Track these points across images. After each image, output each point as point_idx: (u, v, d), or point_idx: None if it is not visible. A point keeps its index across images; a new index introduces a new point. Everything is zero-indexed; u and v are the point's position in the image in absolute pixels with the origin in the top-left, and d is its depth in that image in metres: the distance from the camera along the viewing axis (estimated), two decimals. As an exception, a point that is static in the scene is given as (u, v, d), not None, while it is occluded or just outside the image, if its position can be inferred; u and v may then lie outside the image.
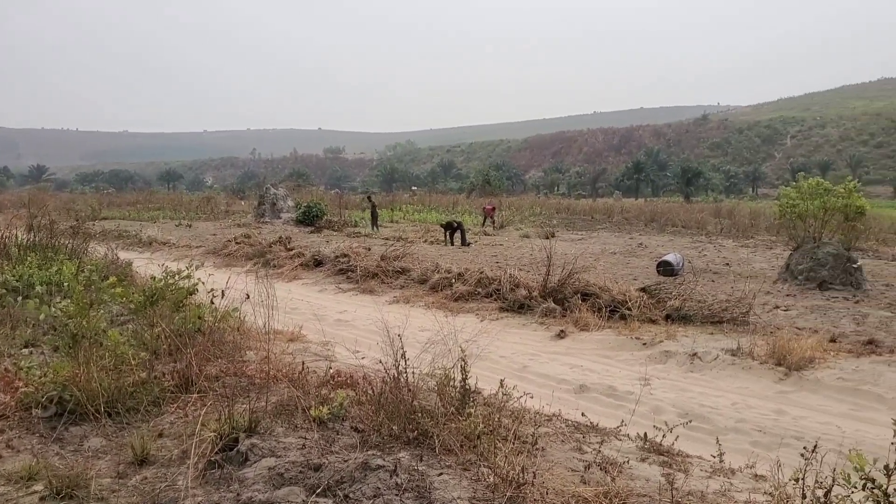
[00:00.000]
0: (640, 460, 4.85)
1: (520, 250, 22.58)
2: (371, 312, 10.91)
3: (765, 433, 6.43)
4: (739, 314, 11.02)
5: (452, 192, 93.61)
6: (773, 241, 25.80)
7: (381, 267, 15.45)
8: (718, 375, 8.47)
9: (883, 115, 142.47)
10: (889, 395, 7.45)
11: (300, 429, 4.62)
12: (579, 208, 50.34)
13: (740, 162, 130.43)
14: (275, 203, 37.29)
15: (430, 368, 5.13)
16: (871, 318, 11.41)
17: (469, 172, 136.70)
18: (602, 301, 11.41)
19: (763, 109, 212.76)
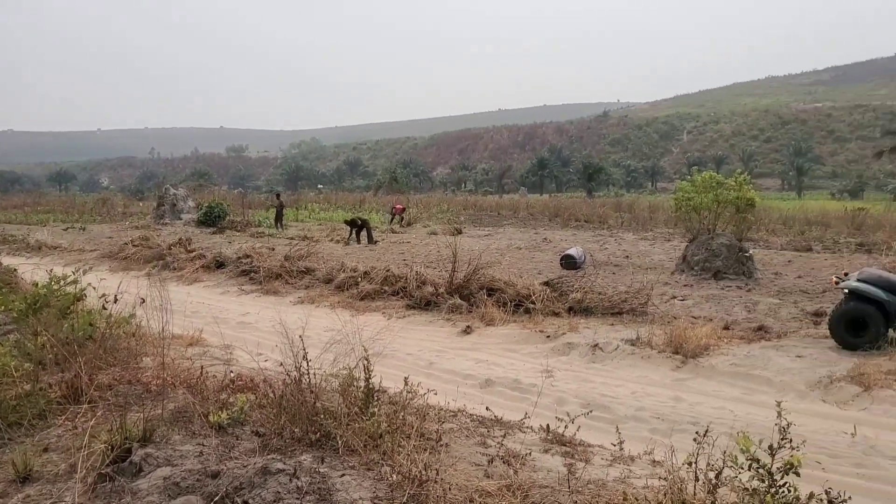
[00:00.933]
0: (543, 452, 4.94)
1: (427, 248, 22.64)
2: (275, 314, 10.66)
3: (663, 420, 6.65)
4: (638, 305, 11.37)
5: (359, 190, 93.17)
6: (671, 234, 26.71)
7: (285, 267, 15.19)
8: (619, 365, 8.71)
9: (770, 112, 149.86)
10: (777, 379, 7.83)
11: (198, 436, 4.47)
12: (486, 205, 50.87)
13: (640, 157, 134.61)
14: (175, 204, 36.14)
15: (334, 368, 5.07)
16: (762, 306, 11.98)
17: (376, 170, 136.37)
18: (507, 296, 11.56)
19: (660, 106, 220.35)
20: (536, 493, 3.95)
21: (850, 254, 20.18)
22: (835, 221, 29.91)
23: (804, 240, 23.48)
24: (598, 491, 4.07)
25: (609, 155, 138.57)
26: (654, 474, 4.48)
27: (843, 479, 5.08)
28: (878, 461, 5.57)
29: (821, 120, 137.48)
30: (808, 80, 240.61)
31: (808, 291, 13.54)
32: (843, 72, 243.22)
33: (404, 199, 46.98)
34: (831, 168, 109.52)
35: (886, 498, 4.92)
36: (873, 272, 9.39)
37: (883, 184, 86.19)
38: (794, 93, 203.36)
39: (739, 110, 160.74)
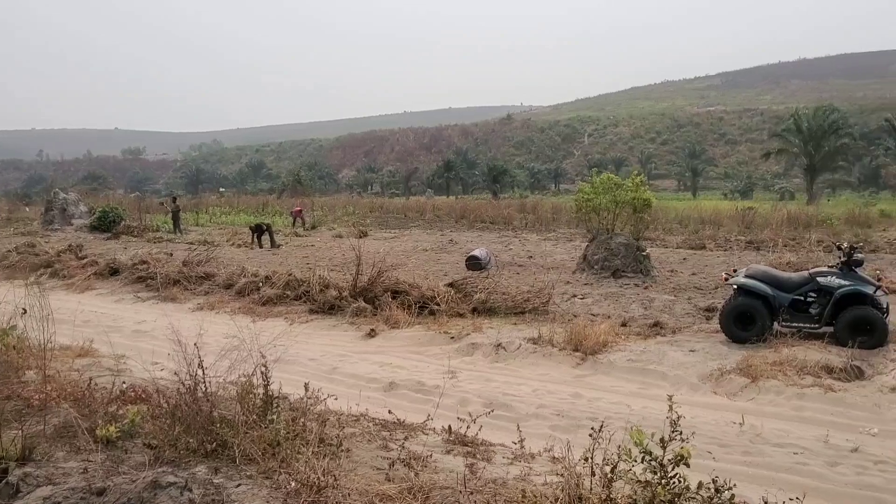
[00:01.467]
0: (445, 453, 4.94)
1: (332, 251, 22.42)
2: (172, 321, 10.33)
3: (563, 417, 6.77)
4: (541, 304, 11.57)
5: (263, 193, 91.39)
6: (573, 234, 27.34)
7: (183, 273, 14.71)
8: (521, 364, 8.83)
9: (667, 115, 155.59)
10: (671, 373, 8.11)
11: (84, 451, 4.26)
12: (393, 207, 50.88)
13: (543, 159, 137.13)
14: (65, 209, 34.45)
15: (232, 376, 4.93)
16: (657, 303, 12.41)
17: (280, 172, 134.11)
18: (412, 298, 11.54)
19: (562, 109, 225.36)
20: (437, 495, 3.95)
21: (741, 251, 21.17)
22: (726, 220, 31.26)
23: (698, 238, 24.47)
24: (498, 490, 4.10)
25: (513, 157, 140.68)
26: (552, 471, 4.54)
27: (731, 468, 5.30)
28: (764, 448, 5.84)
29: (713, 123, 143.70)
30: (701, 85, 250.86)
31: (702, 288, 14.11)
32: (733, 77, 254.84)
33: (309, 202, 46.39)
34: (723, 169, 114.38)
35: (770, 482, 5.15)
36: (759, 269, 9.87)
37: (770, 184, 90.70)
38: (688, 97, 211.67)
39: (637, 114, 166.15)
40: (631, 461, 3.39)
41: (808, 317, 9.18)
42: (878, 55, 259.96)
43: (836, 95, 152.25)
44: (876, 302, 8.85)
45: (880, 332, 8.53)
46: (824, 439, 5.96)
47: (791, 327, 9.21)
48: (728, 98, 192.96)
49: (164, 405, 4.74)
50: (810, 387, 7.22)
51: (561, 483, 3.99)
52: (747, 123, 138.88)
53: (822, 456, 5.63)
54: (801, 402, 6.97)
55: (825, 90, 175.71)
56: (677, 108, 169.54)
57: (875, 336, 8.49)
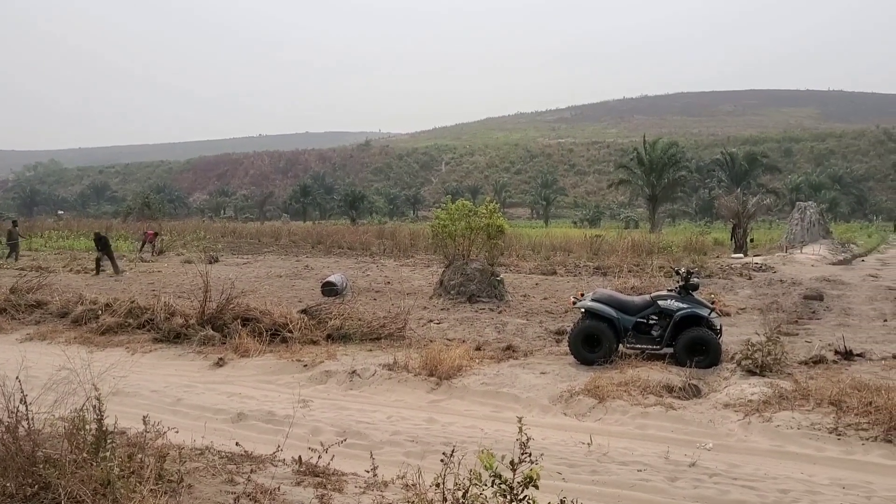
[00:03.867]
0: (295, 484, 4.78)
1: (179, 277, 21.49)
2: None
3: (417, 442, 6.72)
4: (396, 330, 11.53)
5: (107, 217, 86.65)
6: (431, 260, 27.58)
7: (10, 301, 13.54)
8: (376, 391, 8.73)
9: (520, 146, 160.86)
10: (524, 395, 8.25)
11: None
12: (246, 232, 49.56)
13: (401, 186, 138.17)
14: None
15: (64, 411, 4.56)
16: (510, 326, 12.69)
17: (126, 195, 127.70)
18: (263, 325, 11.17)
19: (420, 137, 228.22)
20: (284, 530, 3.80)
21: (589, 276, 22.10)
22: (576, 247, 32.50)
23: (550, 264, 25.31)
24: (350, 520, 4.00)
25: (372, 183, 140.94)
26: (405, 498, 4.50)
27: (580, 487, 5.44)
28: (610, 467, 6.03)
29: (564, 154, 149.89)
30: (552, 118, 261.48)
31: (553, 312, 14.58)
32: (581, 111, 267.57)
33: (156, 226, 44.32)
34: (573, 198, 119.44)
35: (616, 500, 5.33)
36: (605, 292, 10.30)
37: (616, 213, 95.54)
38: (540, 129, 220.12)
39: (493, 143, 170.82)
40: (482, 485, 3.39)
41: (651, 338, 9.65)
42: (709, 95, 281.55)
43: (675, 131, 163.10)
44: (711, 323, 9.44)
45: (714, 352, 9.10)
46: (665, 455, 6.23)
47: (635, 348, 9.65)
48: (577, 131, 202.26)
49: (-24, 446, 4.30)
50: (653, 406, 7.56)
51: (413, 510, 3.94)
52: (595, 155, 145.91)
53: (664, 471, 5.88)
54: (644, 421, 7.28)
55: (665, 125, 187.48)
56: (530, 139, 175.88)
57: (710, 356, 9.05)
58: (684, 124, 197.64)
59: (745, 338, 10.15)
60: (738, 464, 6.10)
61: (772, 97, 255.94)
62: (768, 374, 8.41)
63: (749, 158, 79.23)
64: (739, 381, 8.24)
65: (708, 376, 8.60)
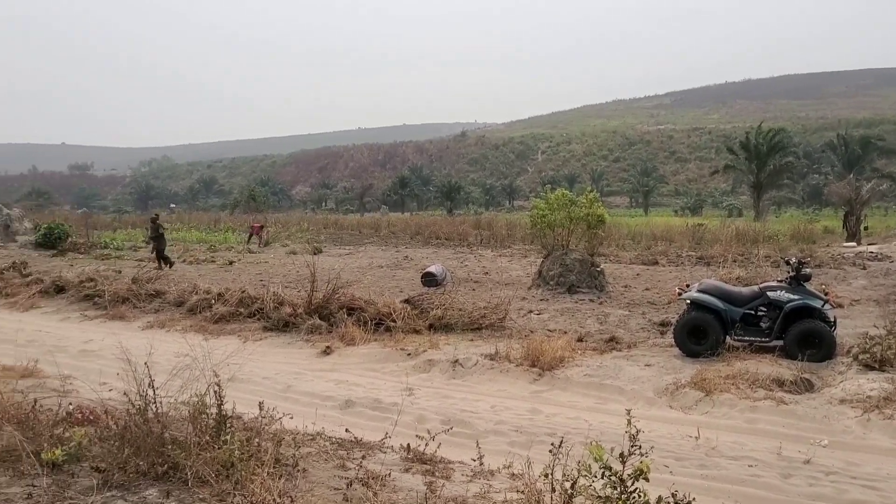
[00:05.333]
0: (404, 471, 4.88)
1: (285, 267, 22.18)
2: (121, 340, 10.07)
3: (521, 432, 6.75)
4: (497, 320, 11.58)
5: (215, 210, 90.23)
6: (528, 250, 27.46)
7: (132, 290, 14.36)
8: (479, 380, 8.80)
9: (618, 133, 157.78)
10: (628, 388, 8.16)
11: (28, 475, 4.10)
12: (347, 223, 50.60)
13: (497, 176, 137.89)
14: (8, 225, 33.49)
15: (183, 395, 4.81)
16: (612, 318, 12.51)
17: (232, 189, 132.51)
18: (368, 314, 11.44)
19: (515, 126, 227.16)
20: (397, 515, 3.90)
21: (692, 266, 21.50)
22: (677, 236, 31.69)
23: (650, 254, 24.76)
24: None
25: (468, 174, 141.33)
26: (512, 487, 4.53)
27: (688, 481, 5.34)
28: (719, 461, 5.90)
29: (663, 141, 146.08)
30: (650, 104, 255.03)
31: (655, 303, 14.28)
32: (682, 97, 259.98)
33: (262, 218, 45.90)
34: (674, 186, 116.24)
35: (727, 495, 5.21)
36: (711, 283, 10.02)
37: (719, 201, 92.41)
38: (638, 115, 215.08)
39: (589, 131, 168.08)
40: (591, 477, 3.39)
41: (759, 330, 9.35)
42: (818, 76, 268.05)
43: (780, 115, 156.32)
44: (824, 315, 9.05)
45: (828, 345, 8.72)
46: (777, 451, 6.04)
47: (743, 341, 9.37)
48: (677, 117, 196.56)
49: (112, 427, 4.60)
50: (762, 400, 7.33)
51: (521, 500, 3.97)
52: (696, 142, 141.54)
53: (776, 468, 5.71)
54: (753, 415, 7.07)
55: (769, 110, 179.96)
56: (628, 127, 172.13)
57: (823, 349, 8.68)
58: (790, 108, 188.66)
59: (860, 331, 9.69)
60: (856, 462, 5.85)
61: (888, 77, 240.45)
62: (888, 370, 7.98)
63: (863, 142, 74.84)
64: (856, 376, 7.88)
65: (821, 370, 8.27)
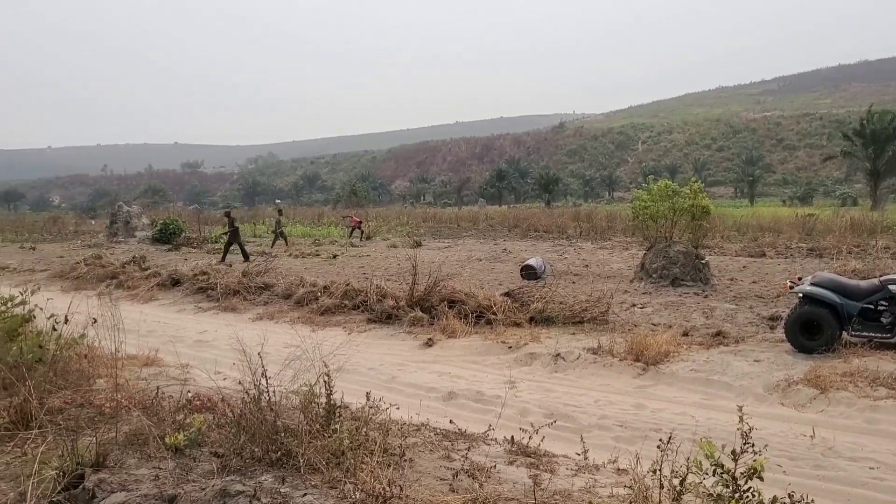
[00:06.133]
0: (508, 463, 4.89)
1: (387, 261, 22.55)
2: (233, 331, 10.52)
3: (626, 427, 6.66)
4: (599, 313, 11.42)
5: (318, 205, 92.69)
6: (629, 242, 26.98)
7: (243, 283, 14.96)
8: (581, 374, 8.72)
9: (722, 121, 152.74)
10: (736, 384, 7.91)
11: (154, 458, 4.34)
12: (445, 217, 50.99)
13: (596, 167, 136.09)
14: (128, 221, 35.45)
15: (294, 385, 4.97)
16: (719, 311, 12.13)
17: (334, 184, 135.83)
18: (468, 307, 11.51)
19: (615, 117, 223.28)
20: (502, 506, 3.91)
21: (802, 258, 20.60)
22: (786, 227, 30.47)
23: (757, 246, 23.90)
24: (564, 501, 4.04)
25: (566, 165, 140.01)
26: (618, 483, 4.47)
27: (803, 482, 5.13)
28: (837, 462, 5.64)
29: (770, 129, 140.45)
30: (756, 90, 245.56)
31: (763, 296, 13.76)
32: (790, 82, 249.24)
33: (363, 213, 46.83)
34: (781, 175, 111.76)
35: (846, 498, 4.98)
36: (826, 276, 9.57)
37: (831, 190, 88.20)
38: (743, 102, 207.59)
39: (692, 120, 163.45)
40: (701, 474, 3.31)
41: (880, 326, 8.86)
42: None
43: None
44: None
45: (958, 342, 8.20)
46: (902, 453, 5.73)
47: (861, 336, 8.91)
48: (785, 103, 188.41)
49: (229, 414, 4.80)
50: (884, 399, 6.96)
51: (629, 495, 3.92)
52: (806, 128, 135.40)
53: (901, 471, 5.41)
54: (874, 415, 6.72)
55: (888, 93, 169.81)
56: (733, 114, 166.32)
57: (953, 346, 8.16)
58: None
59: None
60: None
61: None
62: None
63: None
64: None
65: (951, 369, 7.76)
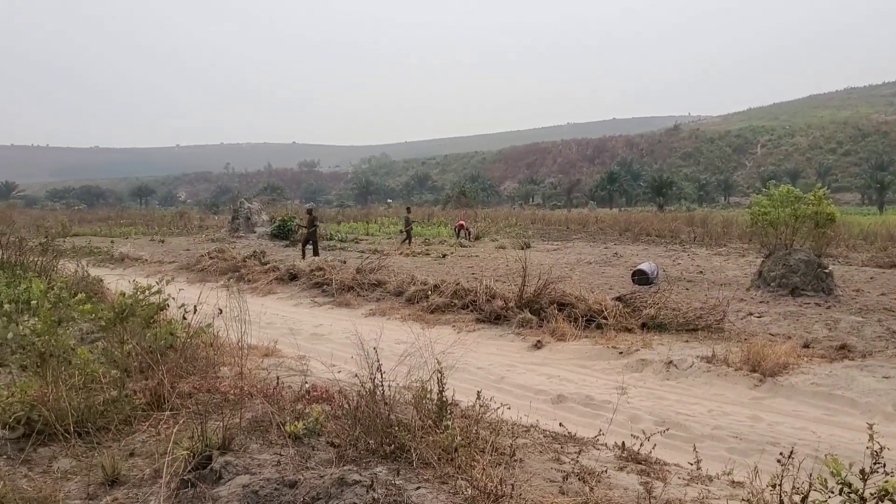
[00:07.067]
0: (619, 469, 4.84)
1: (495, 261, 22.60)
2: (347, 325, 10.83)
3: (741, 440, 6.45)
4: (714, 321, 11.08)
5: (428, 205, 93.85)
6: (746, 249, 26.02)
7: (356, 280, 15.36)
8: (694, 383, 8.49)
9: (849, 124, 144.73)
10: (862, 400, 7.50)
11: (275, 445, 4.54)
12: (554, 219, 50.59)
13: (712, 171, 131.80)
14: (249, 217, 37.02)
15: (407, 381, 5.09)
16: (843, 324, 11.53)
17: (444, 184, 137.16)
18: (578, 311, 11.40)
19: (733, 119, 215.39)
20: (613, 512, 3.89)
21: (939, 270, 19.28)
22: (922, 236, 28.59)
23: (887, 256, 22.50)
24: (676, 511, 3.98)
25: (680, 168, 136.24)
26: (734, 495, 4.35)
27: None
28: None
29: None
30: (889, 91, 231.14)
31: (893, 310, 12.98)
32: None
33: (472, 214, 47.12)
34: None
35: None
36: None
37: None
38: (875, 104, 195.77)
39: (816, 123, 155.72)
40: (826, 492, 3.18)
41: None
42: None
43: None
44: None
45: None
46: None
47: None
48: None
49: (345, 406, 4.96)
50: None
51: (746, 509, 3.80)
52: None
53: None
54: None
55: None
56: (861, 117, 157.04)
57: None
58: None
59: None
60: None
61: None
62: None
63: None
64: None
65: None
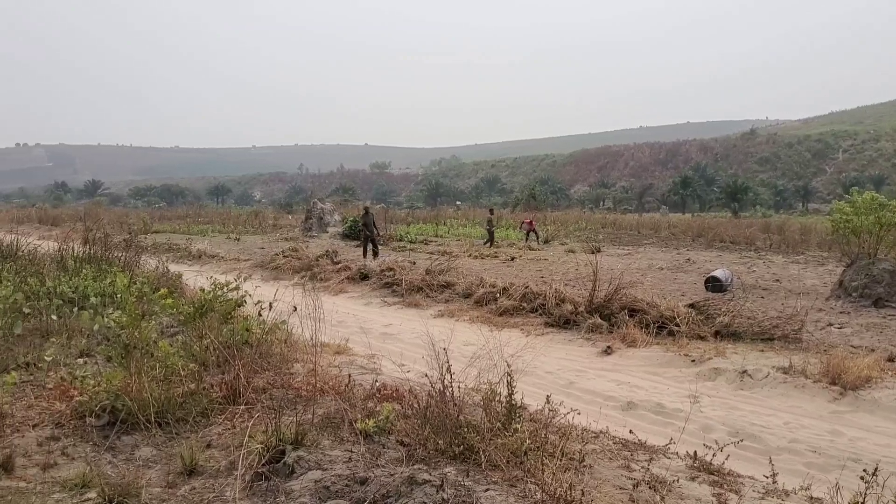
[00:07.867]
0: (690, 479, 4.75)
1: (565, 265, 22.41)
2: (416, 326, 10.91)
3: (819, 454, 6.26)
4: (791, 331, 10.75)
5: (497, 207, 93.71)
6: (825, 258, 25.16)
7: (425, 281, 15.48)
8: (770, 394, 8.27)
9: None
10: (950, 417, 7.19)
11: (346, 442, 4.62)
12: (625, 223, 49.83)
13: (790, 177, 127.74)
14: (321, 217, 37.64)
15: (475, 383, 5.10)
16: (931, 337, 11.05)
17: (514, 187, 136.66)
18: (650, 317, 11.23)
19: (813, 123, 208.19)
20: (685, 522, 3.82)
21: None
22: None
23: (980, 267, 21.39)
24: (751, 525, 3.89)
25: (756, 174, 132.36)
26: (810, 511, 4.23)
27: None
28: None
29: None
30: None
31: None
32: None
33: (541, 216, 46.82)
34: None
35: None
36: None
37: None
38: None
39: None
40: (913, 513, 3.06)
41: None
42: None
43: None
44: None
45: None
46: None
47: None
48: None
49: (415, 405, 5.01)
50: None
51: (826, 526, 3.69)
52: None
53: None
54: None
55: None
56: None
57: None
58: None
59: None
60: None
61: None
62: None
63: None
64: None
65: None
